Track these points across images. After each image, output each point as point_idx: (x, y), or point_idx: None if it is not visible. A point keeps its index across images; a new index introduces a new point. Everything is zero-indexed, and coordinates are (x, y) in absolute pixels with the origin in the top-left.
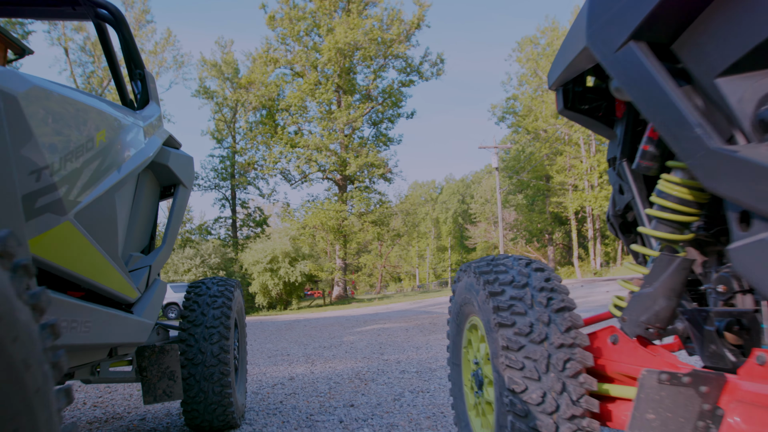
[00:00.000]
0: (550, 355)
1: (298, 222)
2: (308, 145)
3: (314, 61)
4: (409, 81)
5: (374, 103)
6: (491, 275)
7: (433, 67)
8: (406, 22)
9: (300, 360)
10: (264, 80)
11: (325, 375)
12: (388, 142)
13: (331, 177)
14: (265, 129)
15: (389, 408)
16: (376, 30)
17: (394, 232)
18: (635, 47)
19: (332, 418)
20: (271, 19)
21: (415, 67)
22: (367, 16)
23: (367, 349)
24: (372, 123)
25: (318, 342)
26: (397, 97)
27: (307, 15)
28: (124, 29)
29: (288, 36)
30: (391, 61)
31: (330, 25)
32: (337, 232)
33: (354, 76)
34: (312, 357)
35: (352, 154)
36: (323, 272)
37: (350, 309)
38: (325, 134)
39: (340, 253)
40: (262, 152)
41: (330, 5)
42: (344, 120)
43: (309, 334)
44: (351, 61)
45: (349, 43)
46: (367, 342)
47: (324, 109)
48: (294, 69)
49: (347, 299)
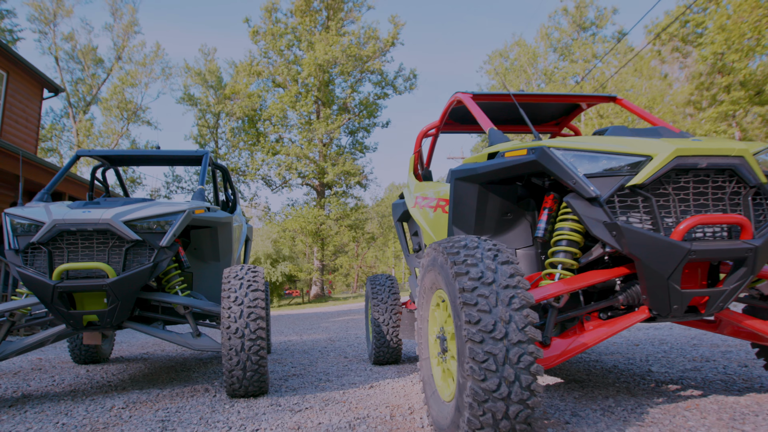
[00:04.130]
0: (498, 293)
1: (278, 225)
2: (289, 153)
3: (295, 75)
4: (384, 94)
5: (351, 114)
6: (453, 247)
7: (407, 81)
8: (382, 40)
9: (291, 334)
10: (247, 91)
11: (309, 340)
12: (364, 150)
13: (310, 183)
14: (248, 137)
15: (345, 349)
16: (353, 47)
17: (369, 235)
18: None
19: (315, 349)
20: (254, 34)
21: (390, 81)
22: (345, 33)
23: (337, 329)
24: (349, 132)
25: (301, 327)
26: (373, 108)
27: (289, 30)
28: (227, 174)
29: (270, 50)
30: (367, 75)
31: (311, 40)
32: (315, 235)
33: (332, 88)
34: (299, 333)
35: (330, 163)
36: (302, 273)
37: (327, 306)
38: (305, 144)
39: (318, 255)
40: (244, 159)
41: (310, 21)
42: (323, 131)
43: (293, 323)
44: (329, 75)
45: (328, 60)
46: (338, 326)
47: (304, 120)
48: (276, 81)
49: (324, 298)
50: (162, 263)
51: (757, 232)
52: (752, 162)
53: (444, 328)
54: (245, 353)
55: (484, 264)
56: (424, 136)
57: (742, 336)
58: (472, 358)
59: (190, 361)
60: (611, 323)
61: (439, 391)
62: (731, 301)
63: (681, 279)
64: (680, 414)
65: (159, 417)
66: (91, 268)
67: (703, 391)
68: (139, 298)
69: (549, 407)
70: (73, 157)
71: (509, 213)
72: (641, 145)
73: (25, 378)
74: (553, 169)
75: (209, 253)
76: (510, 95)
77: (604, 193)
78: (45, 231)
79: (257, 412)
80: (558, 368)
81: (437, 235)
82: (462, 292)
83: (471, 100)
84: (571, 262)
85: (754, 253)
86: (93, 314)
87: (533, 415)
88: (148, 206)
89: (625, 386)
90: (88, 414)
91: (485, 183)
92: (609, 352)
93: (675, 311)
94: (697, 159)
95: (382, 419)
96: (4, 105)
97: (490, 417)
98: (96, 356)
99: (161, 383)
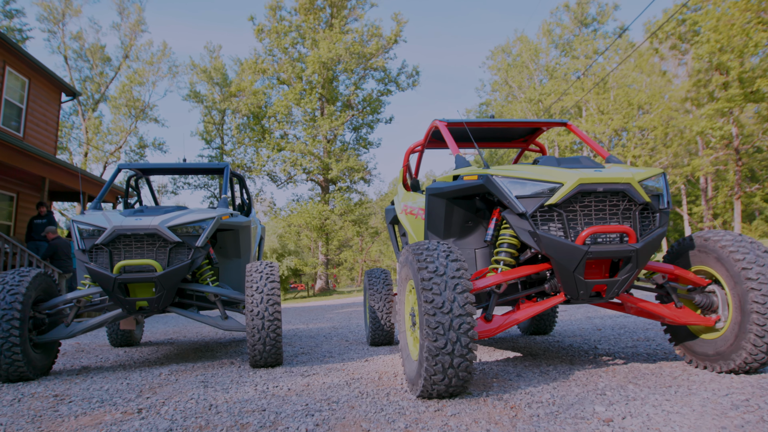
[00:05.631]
0: (447, 282)
1: (283, 220)
2: (293, 149)
3: (299, 72)
4: (387, 90)
5: (355, 111)
6: (419, 250)
7: (409, 78)
8: (384, 38)
9: (298, 323)
10: (252, 88)
11: (315, 327)
12: (368, 146)
13: (315, 179)
14: (254, 133)
15: (347, 335)
16: (356, 44)
17: (372, 230)
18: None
19: (320, 335)
20: (259, 31)
21: (393, 78)
22: (348, 30)
23: (340, 319)
24: (353, 128)
25: (307, 318)
26: (376, 105)
27: (293, 28)
28: (243, 181)
29: (275, 47)
30: (370, 72)
31: (315, 38)
32: (320, 230)
33: (336, 85)
34: (305, 322)
35: (334, 159)
36: (307, 267)
37: (331, 299)
38: (309, 140)
39: (323, 250)
40: (250, 155)
41: (314, 19)
42: (327, 127)
43: (299, 314)
44: (333, 72)
45: (332, 57)
46: (341, 317)
47: (308, 116)
48: (280, 78)
49: (329, 291)
50: (198, 260)
51: (642, 238)
52: (637, 187)
53: (414, 308)
54: (265, 331)
55: (438, 261)
56: (411, 152)
57: (643, 315)
58: (427, 326)
59: (211, 344)
60: (538, 304)
61: (410, 353)
62: (624, 288)
63: (585, 272)
64: (598, 375)
65: (199, 380)
66: (143, 264)
67: (626, 360)
68: (179, 287)
69: (501, 371)
70: (115, 170)
71: (470, 221)
72: (556, 174)
73: (74, 357)
74: (494, 191)
75: (232, 251)
76: (478, 122)
77: (530, 210)
78: (107, 235)
79: (275, 376)
80: (520, 346)
81: (418, 237)
82: (422, 281)
83: (445, 128)
84: (510, 260)
85: (636, 254)
86: (144, 300)
87: (471, 366)
88: (185, 214)
89: (568, 359)
90: (142, 378)
91: (450, 198)
92: (571, 334)
93: (582, 295)
94: (595, 185)
95: (372, 379)
96: (27, 109)
97: (440, 367)
98: (130, 340)
99: (192, 360)
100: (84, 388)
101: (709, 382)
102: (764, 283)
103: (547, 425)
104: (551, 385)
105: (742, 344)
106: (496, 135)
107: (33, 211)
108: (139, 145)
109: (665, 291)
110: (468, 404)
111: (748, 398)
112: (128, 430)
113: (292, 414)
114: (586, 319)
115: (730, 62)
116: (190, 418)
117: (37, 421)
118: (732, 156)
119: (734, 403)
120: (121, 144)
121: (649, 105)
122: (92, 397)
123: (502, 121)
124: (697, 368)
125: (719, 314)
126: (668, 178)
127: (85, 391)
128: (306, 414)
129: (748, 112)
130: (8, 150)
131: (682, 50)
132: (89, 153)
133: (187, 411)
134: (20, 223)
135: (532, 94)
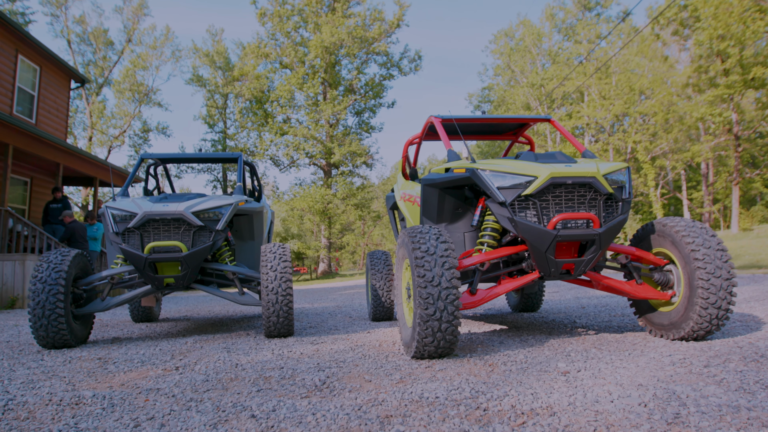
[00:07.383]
0: (436, 260)
1: (286, 204)
2: (296, 134)
3: (302, 56)
4: (390, 75)
5: (357, 95)
6: (413, 233)
7: (411, 63)
8: (387, 22)
9: (303, 303)
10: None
11: (320, 306)
12: (370, 130)
13: (317, 163)
14: (257, 117)
15: (350, 312)
16: (359, 28)
17: (375, 214)
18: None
19: (325, 313)
20: (261, 15)
21: (395, 62)
22: (351, 14)
23: (343, 299)
24: (355, 113)
25: (311, 298)
26: (379, 89)
27: (296, 12)
28: (254, 169)
29: (277, 31)
30: (373, 56)
31: (317, 22)
32: (323, 214)
33: (339, 70)
34: (310, 302)
35: (337, 143)
36: (310, 250)
37: (334, 282)
38: (312, 124)
39: (325, 233)
40: (253, 139)
41: (317, 3)
42: (329, 112)
43: (304, 296)
44: (336, 57)
45: (335, 42)
46: (345, 297)
47: (311, 101)
48: (283, 62)
49: (332, 274)
50: (218, 242)
51: (605, 223)
52: (602, 179)
53: (409, 282)
54: (279, 305)
55: (430, 243)
56: (410, 144)
57: (608, 290)
58: (420, 296)
59: (224, 320)
60: (516, 280)
61: (406, 321)
62: (590, 266)
63: (556, 252)
64: (569, 342)
65: (222, 346)
66: (171, 245)
67: (597, 331)
68: (201, 266)
69: (486, 339)
70: (138, 160)
71: (460, 208)
72: (532, 168)
73: (101, 331)
74: (479, 183)
75: (247, 234)
76: (470, 118)
77: (509, 199)
78: (138, 219)
79: (288, 344)
80: (508, 321)
81: (415, 222)
82: (416, 259)
83: (439, 124)
84: (492, 242)
85: (599, 237)
86: (171, 278)
87: (456, 330)
88: (206, 200)
89: (548, 330)
90: (171, 345)
91: (442, 188)
92: (557, 311)
93: (553, 273)
94: (565, 178)
95: (373, 346)
96: (39, 96)
97: (430, 331)
98: (150, 316)
99: (211, 332)
100: (122, 353)
101: (661, 347)
102: (709, 263)
103: (516, 376)
104: (527, 350)
105: (690, 315)
106: (489, 129)
107: (47, 196)
108: (142, 129)
109: (628, 270)
110: (453, 363)
111: (685, 357)
112: (171, 380)
113: (306, 370)
114: (574, 299)
115: (729, 49)
116: (221, 373)
117: (92, 376)
118: (732, 142)
119: (672, 361)
120: (125, 128)
121: (651, 90)
122: (133, 359)
123: (491, 117)
124: (655, 337)
125: (674, 290)
126: (668, 164)
127: (124, 355)
128: (318, 369)
129: (750, 98)
130: (24, 137)
131: (684, 36)
132: (93, 137)
133: (218, 368)
134: (34, 207)
135: (534, 78)
